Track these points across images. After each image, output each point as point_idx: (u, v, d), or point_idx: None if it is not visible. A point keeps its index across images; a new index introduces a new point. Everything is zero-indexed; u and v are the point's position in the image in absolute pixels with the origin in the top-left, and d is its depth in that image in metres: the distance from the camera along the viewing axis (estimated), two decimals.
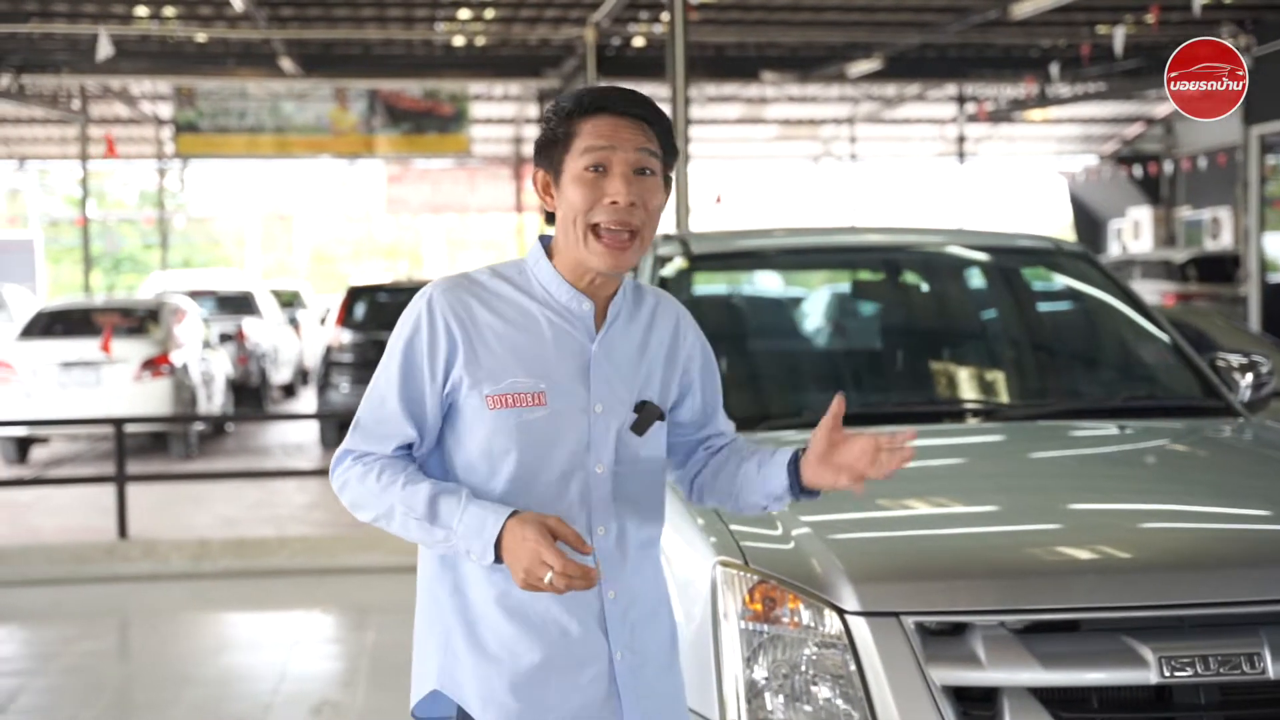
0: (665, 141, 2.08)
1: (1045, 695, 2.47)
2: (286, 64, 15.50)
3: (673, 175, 2.12)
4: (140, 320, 13.49)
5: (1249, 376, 3.81)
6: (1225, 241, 19.99)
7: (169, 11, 13.78)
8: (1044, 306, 4.26)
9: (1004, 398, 3.91)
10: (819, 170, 29.20)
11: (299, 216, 41.72)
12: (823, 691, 2.53)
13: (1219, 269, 17.24)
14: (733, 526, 2.75)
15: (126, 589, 7.61)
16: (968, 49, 16.57)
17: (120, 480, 8.33)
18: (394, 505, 2.05)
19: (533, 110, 21.66)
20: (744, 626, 2.58)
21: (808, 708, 2.53)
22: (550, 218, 2.12)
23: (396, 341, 2.11)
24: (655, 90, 17.78)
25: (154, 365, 12.67)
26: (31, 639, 6.82)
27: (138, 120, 22.73)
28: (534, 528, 1.95)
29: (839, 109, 23.84)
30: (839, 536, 2.71)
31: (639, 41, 15.32)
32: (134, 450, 12.70)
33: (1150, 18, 12.39)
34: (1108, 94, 17.41)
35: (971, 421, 3.64)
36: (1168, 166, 25.36)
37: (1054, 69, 15.85)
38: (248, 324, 16.69)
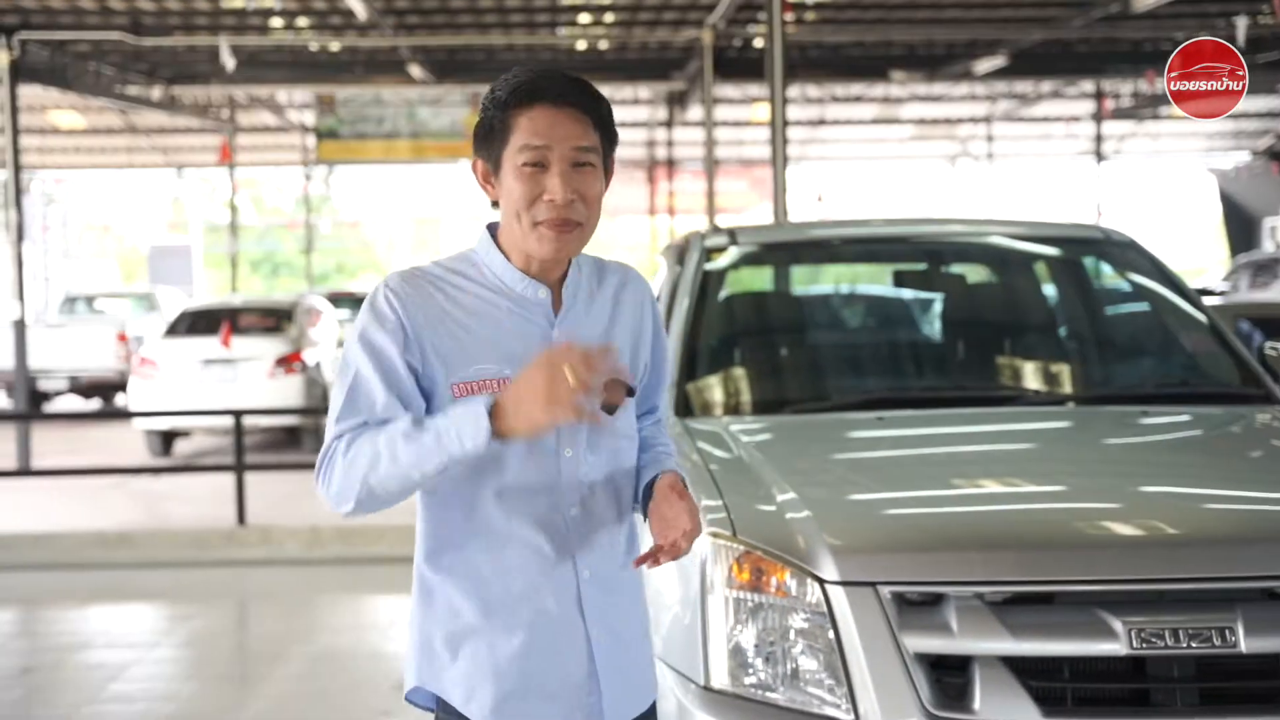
0: (604, 128, 2.08)
1: (1018, 665, 2.52)
2: (416, 71, 15.93)
3: (613, 158, 2.12)
4: (276, 320, 14.07)
5: None
6: None
7: (302, 21, 14.31)
8: (1091, 294, 4.26)
9: (1035, 384, 3.93)
10: (955, 171, 28.84)
11: (446, 219, 42.67)
12: (804, 658, 2.62)
13: None
14: (725, 499, 2.86)
15: (242, 573, 8.00)
16: (1096, 44, 16.22)
17: (239, 470, 8.73)
18: (378, 445, 1.99)
19: (663, 113, 21.86)
20: (731, 595, 2.69)
21: (789, 673, 2.63)
22: (494, 203, 2.13)
23: (357, 340, 2.07)
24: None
25: (287, 362, 13.20)
26: (149, 616, 7.23)
27: (285, 128, 23.57)
28: (529, 368, 1.93)
29: (976, 108, 23.52)
30: (825, 509, 2.81)
31: (759, 42, 15.37)
32: (268, 445, 13.29)
33: (1275, 8, 11.98)
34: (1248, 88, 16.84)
35: (999, 407, 3.67)
36: None
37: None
38: None
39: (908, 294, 4.49)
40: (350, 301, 18.61)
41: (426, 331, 2.06)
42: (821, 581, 2.61)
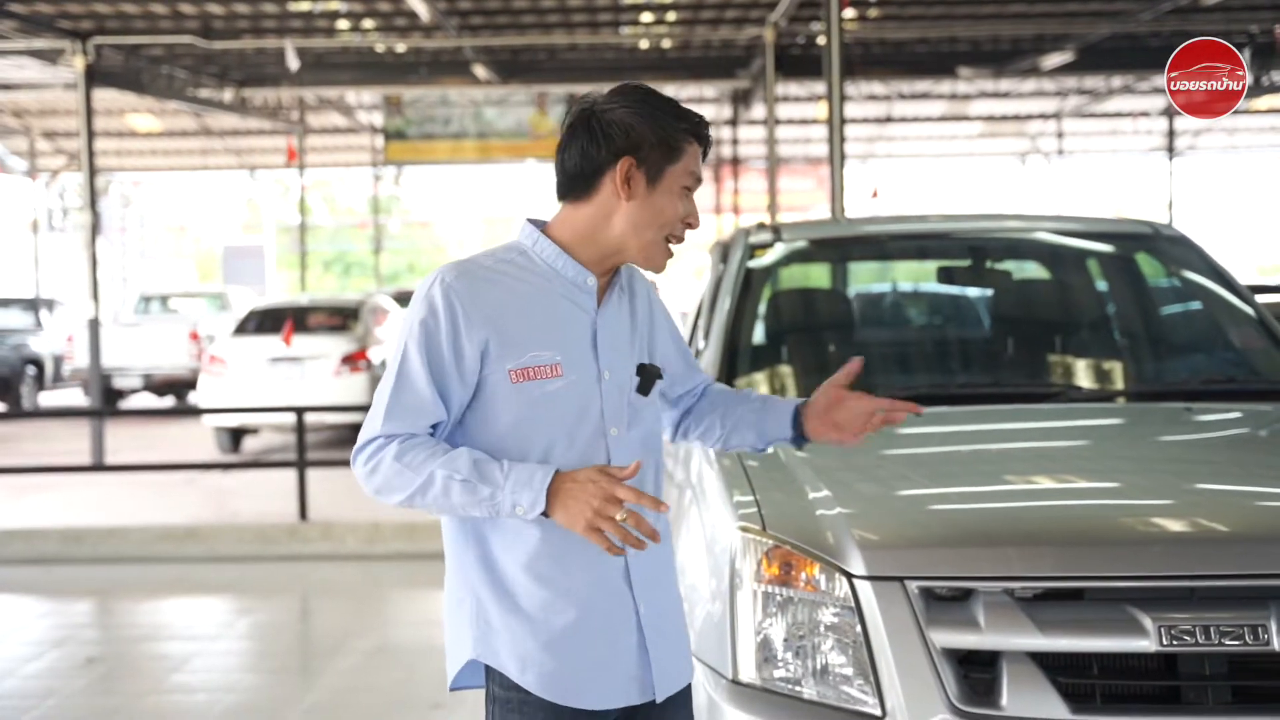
0: None
1: (1046, 661, 2.51)
2: (480, 71, 16.05)
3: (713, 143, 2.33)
4: (343, 319, 14.25)
5: None
6: None
7: (368, 24, 14.48)
8: (1141, 290, 4.21)
9: (1082, 380, 3.90)
10: (1025, 168, 28.53)
11: (514, 218, 42.98)
12: (831, 653, 2.63)
13: None
14: (757, 494, 2.87)
15: (304, 567, 8.13)
16: (1166, 37, 15.97)
17: (301, 466, 8.87)
18: (434, 473, 2.11)
19: (728, 111, 21.82)
20: (760, 589, 2.70)
21: (817, 668, 2.64)
22: (565, 194, 2.24)
23: (413, 328, 2.17)
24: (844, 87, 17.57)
25: (352, 361, 13.36)
26: (213, 609, 7.36)
27: (355, 129, 23.84)
28: (591, 470, 2.09)
29: (1045, 104, 23.24)
30: (857, 505, 2.81)
31: (822, 40, 15.30)
32: (333, 442, 13.45)
33: None
34: None
35: (1044, 404, 3.65)
36: None
37: (1246, 55, 15.12)
38: None
39: (954, 290, 4.47)
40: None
41: (479, 321, 2.15)
42: (850, 576, 2.62)
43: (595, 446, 2.22)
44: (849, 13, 13.66)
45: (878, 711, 2.56)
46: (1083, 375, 3.92)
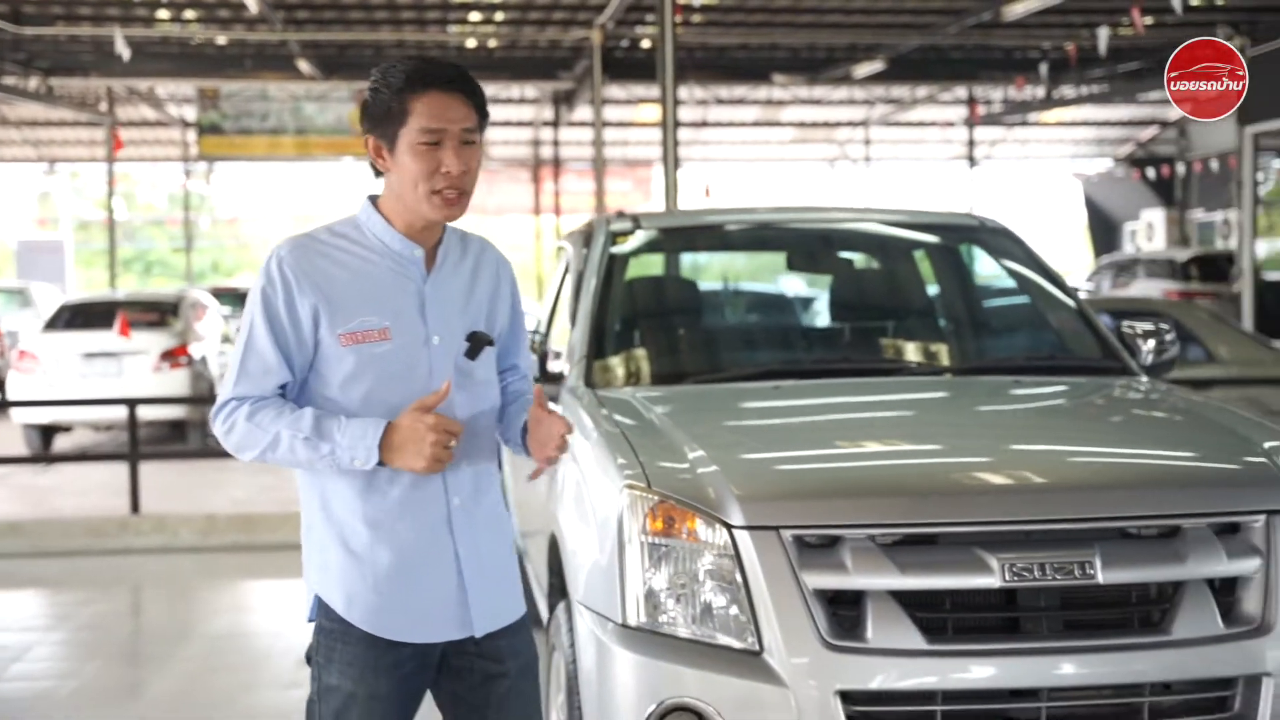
0: (481, 110, 2.42)
1: (905, 599, 2.81)
2: (304, 66, 15.92)
3: (484, 134, 2.45)
4: (161, 314, 13.96)
5: (1151, 343, 4.14)
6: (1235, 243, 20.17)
7: (189, 14, 14.22)
8: (967, 277, 4.60)
9: (916, 357, 4.26)
10: (835, 173, 29.50)
11: (327, 218, 42.17)
12: (713, 596, 2.88)
13: (1219, 268, 17.48)
14: (640, 456, 3.10)
15: (138, 560, 8.03)
16: (970, 51, 16.84)
17: (134, 458, 8.74)
18: (280, 432, 2.35)
19: (548, 113, 22.05)
20: (647, 540, 2.93)
21: (700, 611, 2.88)
22: (377, 171, 2.44)
23: (256, 298, 2.40)
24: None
25: (173, 356, 13.10)
26: (46, 602, 7.23)
27: (164, 123, 23.24)
28: (408, 416, 2.33)
29: (854, 112, 24.15)
30: (731, 463, 3.06)
31: (646, 43, 15.67)
32: (154, 439, 13.16)
33: (1135, 19, 12.65)
34: (1107, 96, 17.66)
35: (883, 378, 3.99)
36: (1180, 169, 25.57)
37: (1043, 70, 16.10)
38: None
39: (800, 276, 4.79)
40: (232, 297, 18.46)
41: (313, 290, 2.39)
42: (729, 527, 2.86)
43: None
44: (676, 17, 14.05)
45: (756, 647, 2.81)
46: (918, 352, 4.28)
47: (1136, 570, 2.84)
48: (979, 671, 2.79)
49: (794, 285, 4.86)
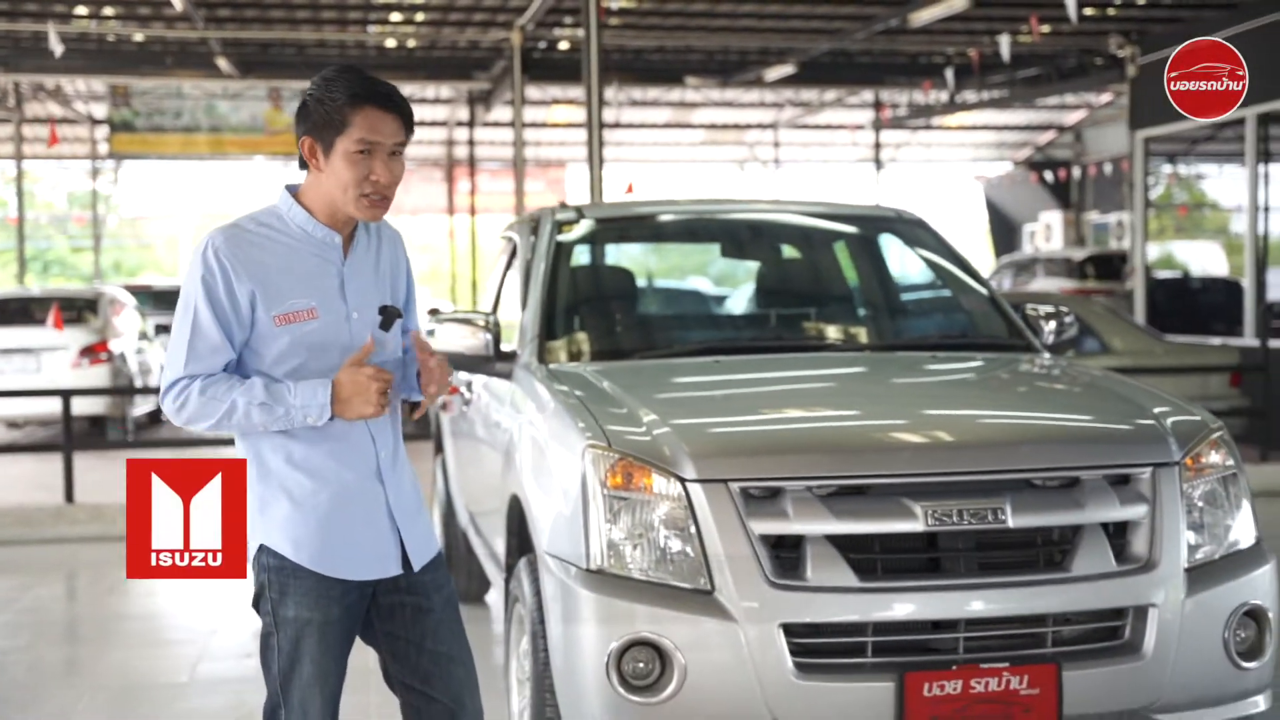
0: (410, 126, 2.73)
1: (840, 542, 3.16)
2: (223, 64, 15.96)
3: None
4: (79, 310, 13.95)
5: (1052, 324, 4.55)
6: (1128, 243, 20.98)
7: (108, 11, 14.22)
8: (885, 263, 5.00)
9: (846, 336, 4.64)
10: (744, 174, 30.02)
11: (233, 218, 41.72)
12: (669, 542, 3.21)
13: (1113, 266, 18.25)
14: (599, 421, 3.42)
15: (74, 548, 8.15)
16: (878, 56, 17.38)
17: (68, 449, 8.85)
18: (236, 401, 2.64)
19: (463, 113, 22.22)
20: (607, 494, 3.25)
21: (656, 555, 3.21)
22: (303, 164, 2.74)
23: (196, 285, 2.66)
24: (581, 93, 18.35)
25: (93, 352, 13.13)
26: None
27: (72, 120, 22.99)
28: (349, 370, 2.65)
29: (763, 114, 24.66)
30: (683, 425, 3.39)
31: (564, 45, 15.96)
32: (79, 433, 13.15)
33: (1034, 27, 13.23)
34: (1007, 101, 18.34)
35: (819, 354, 4.36)
36: (1076, 172, 26.49)
37: (949, 76, 16.70)
38: None
39: (734, 262, 5.14)
40: (146, 295, 18.38)
41: (249, 276, 2.67)
42: (683, 481, 3.20)
43: None
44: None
45: (708, 587, 3.14)
46: (842, 331, 4.66)
47: (1041, 516, 3.23)
48: (904, 606, 3.15)
49: (729, 272, 5.21)
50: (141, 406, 14.15)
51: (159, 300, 18.31)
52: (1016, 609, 3.19)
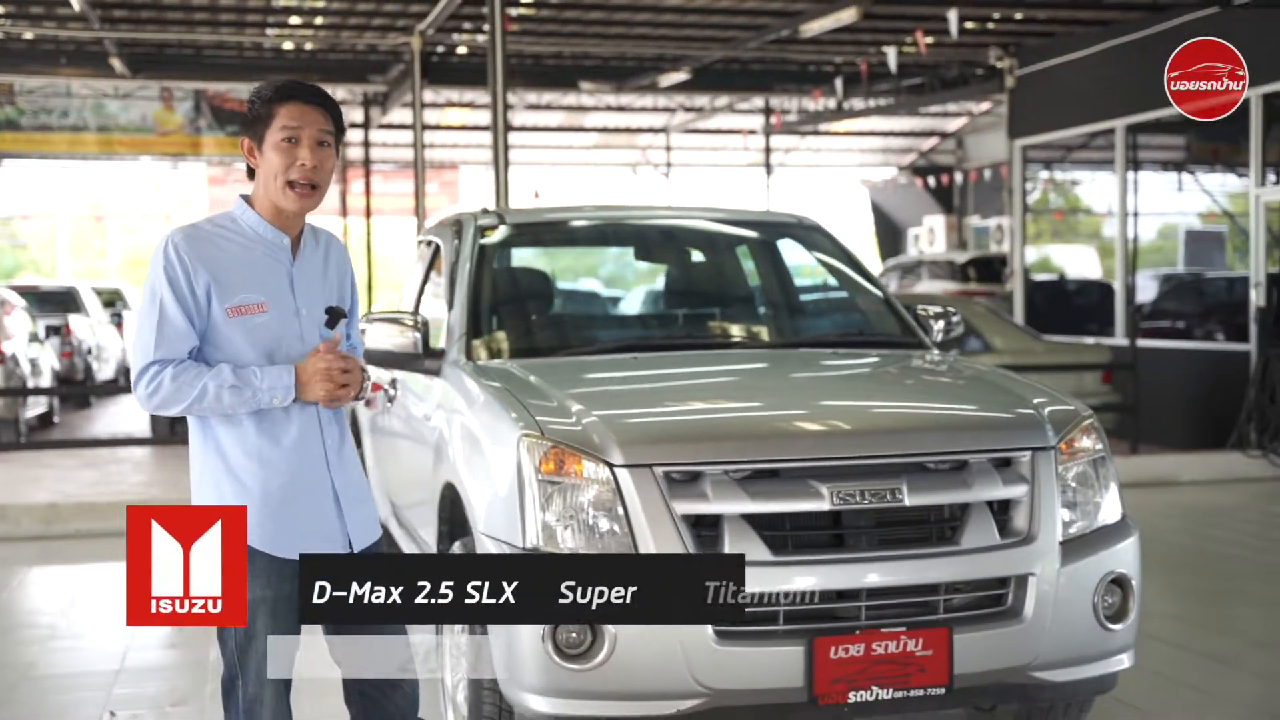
0: (337, 122, 2.99)
1: (754, 521, 3.48)
2: (117, 64, 15.84)
3: (343, 146, 3.04)
4: None
5: (941, 323, 4.94)
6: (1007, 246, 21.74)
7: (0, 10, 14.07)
8: (786, 265, 5.35)
9: (751, 334, 4.99)
10: (637, 178, 30.38)
11: (112, 219, 41.02)
12: (598, 522, 3.49)
13: (994, 269, 18.96)
14: (530, 411, 3.69)
15: None
16: (769, 63, 17.84)
17: None
18: (207, 384, 2.86)
19: (358, 115, 22.23)
20: (540, 479, 3.53)
21: (587, 535, 3.49)
22: (251, 174, 3.00)
23: (160, 278, 2.88)
24: (477, 96, 18.50)
25: None
26: None
27: None
28: (310, 360, 2.89)
29: (655, 119, 25.03)
30: (609, 415, 3.69)
31: (463, 50, 16.14)
32: None
33: (919, 40, 13.78)
34: (893, 109, 18.94)
35: (728, 351, 4.69)
36: (958, 178, 27.35)
37: (839, 85, 17.24)
38: (73, 320, 17.02)
39: (625, 265, 5.45)
40: (33, 296, 18.13)
41: (202, 270, 2.90)
42: (611, 466, 3.49)
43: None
44: (486, 26, 14.56)
45: None
46: (747, 330, 5.00)
47: (934, 495, 3.58)
48: (812, 577, 3.48)
49: (619, 274, 5.54)
50: (33, 409, 14.04)
51: (47, 301, 18.09)
52: (912, 579, 3.54)
